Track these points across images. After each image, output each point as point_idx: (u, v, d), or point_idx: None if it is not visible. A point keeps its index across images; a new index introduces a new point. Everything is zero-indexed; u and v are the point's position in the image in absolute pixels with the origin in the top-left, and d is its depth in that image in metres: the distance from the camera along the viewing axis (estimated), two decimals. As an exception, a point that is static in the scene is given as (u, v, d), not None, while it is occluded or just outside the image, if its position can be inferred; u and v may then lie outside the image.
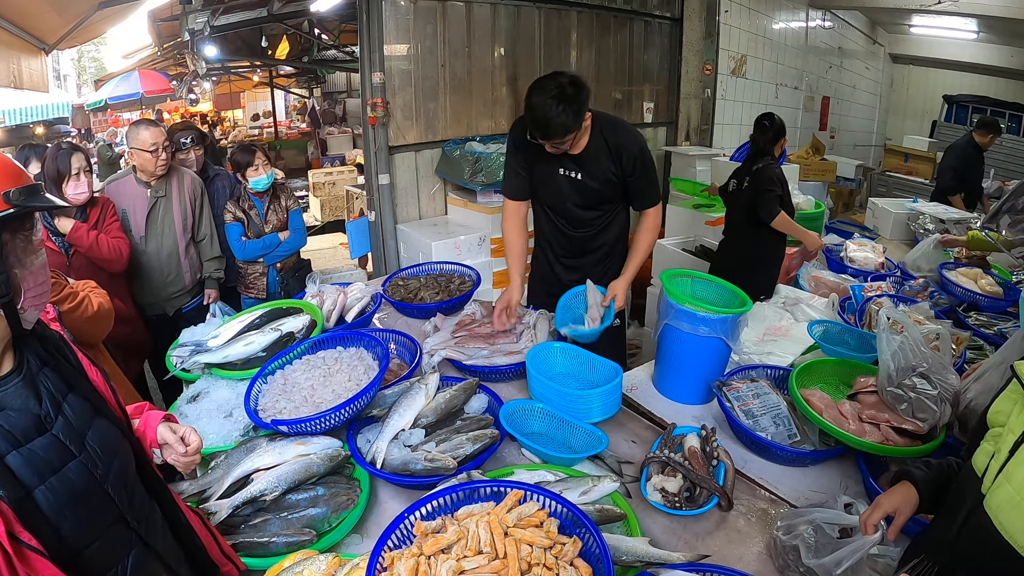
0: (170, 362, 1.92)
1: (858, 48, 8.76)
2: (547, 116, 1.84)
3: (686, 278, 1.98)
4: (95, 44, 21.21)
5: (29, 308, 0.86)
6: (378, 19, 3.49)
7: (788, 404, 1.63)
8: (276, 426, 1.45)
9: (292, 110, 14.98)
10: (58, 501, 0.83)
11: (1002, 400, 0.98)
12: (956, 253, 3.03)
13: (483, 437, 1.46)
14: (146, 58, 9.72)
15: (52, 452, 0.84)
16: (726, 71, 5.40)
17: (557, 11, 4.35)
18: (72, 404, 0.90)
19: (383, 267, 3.95)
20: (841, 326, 2.09)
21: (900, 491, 1.09)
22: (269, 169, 2.80)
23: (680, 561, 1.13)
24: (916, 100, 10.81)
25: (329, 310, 2.10)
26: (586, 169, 2.06)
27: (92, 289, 1.91)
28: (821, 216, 3.35)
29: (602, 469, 1.47)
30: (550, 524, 1.04)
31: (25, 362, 0.88)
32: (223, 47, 7.19)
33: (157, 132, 2.56)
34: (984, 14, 6.35)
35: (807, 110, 7.22)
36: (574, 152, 2.04)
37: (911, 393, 1.45)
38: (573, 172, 2.08)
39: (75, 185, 2.28)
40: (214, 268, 2.82)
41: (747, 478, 1.48)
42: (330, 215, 7.56)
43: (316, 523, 1.27)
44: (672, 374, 1.87)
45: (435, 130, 3.95)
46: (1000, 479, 0.89)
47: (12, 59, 3.99)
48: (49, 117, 8.80)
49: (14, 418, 0.83)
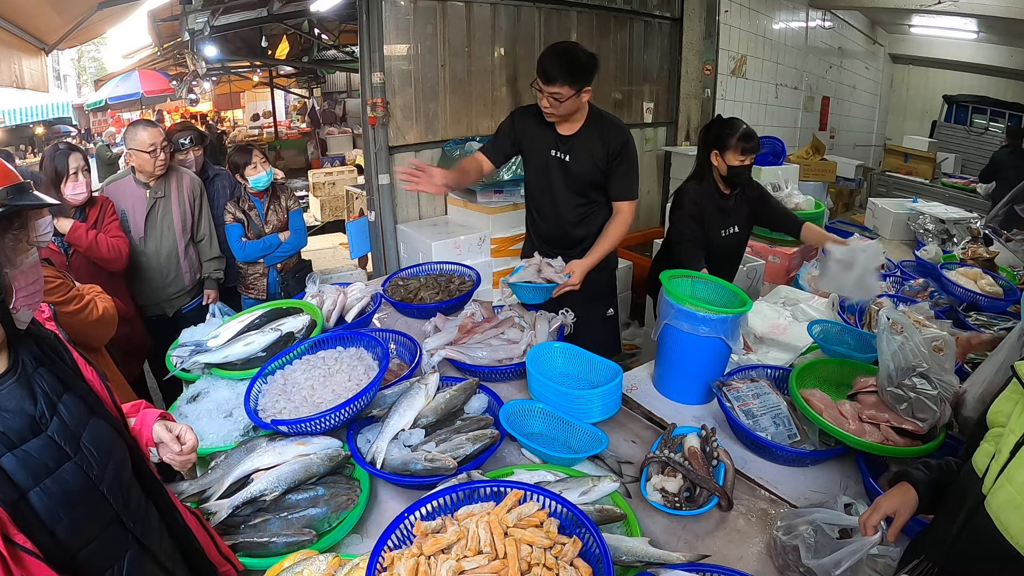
0: (170, 362, 1.92)
1: (858, 48, 8.75)
2: (559, 54, 2.02)
3: (686, 278, 1.98)
4: (95, 44, 21.25)
5: (22, 308, 0.86)
6: (378, 19, 3.49)
7: (788, 404, 1.63)
8: (276, 426, 1.45)
9: (292, 110, 14.99)
10: (53, 503, 0.82)
11: (1002, 400, 0.98)
12: (961, 253, 3.03)
13: (483, 437, 1.46)
14: (146, 58, 9.73)
15: (47, 453, 0.84)
16: (726, 71, 5.40)
17: (557, 11, 4.35)
18: (67, 404, 0.90)
19: (383, 267, 3.95)
20: (841, 326, 2.09)
21: (899, 492, 1.09)
22: (267, 167, 2.80)
23: (680, 561, 1.13)
24: (916, 100, 10.80)
25: (329, 310, 2.10)
26: (575, 153, 2.20)
27: (98, 293, 1.91)
28: (821, 216, 3.35)
29: (602, 469, 1.47)
30: (550, 524, 1.04)
31: (20, 362, 0.87)
32: (223, 47, 7.20)
33: (155, 132, 2.56)
34: (984, 14, 6.35)
35: (807, 110, 7.22)
36: (567, 132, 2.19)
37: (911, 393, 1.45)
38: (563, 154, 2.21)
39: (73, 185, 2.29)
40: (213, 268, 2.81)
41: (747, 478, 1.48)
42: (330, 215, 7.56)
43: (316, 523, 1.27)
44: (672, 374, 1.87)
45: (435, 130, 3.95)
46: (1001, 480, 0.89)
47: (13, 59, 3.99)
48: (49, 117, 8.82)
49: (8, 419, 0.82)
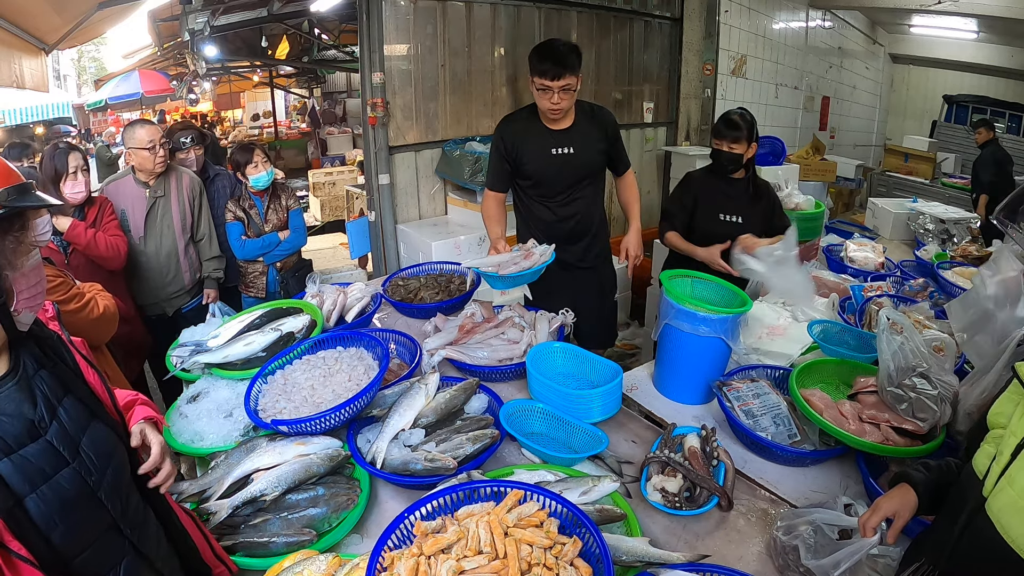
0: (170, 362, 1.92)
1: (858, 48, 8.75)
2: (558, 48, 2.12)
3: (686, 278, 1.98)
4: (95, 44, 21.22)
5: (23, 311, 0.84)
6: (378, 19, 3.49)
7: (788, 404, 1.63)
8: (276, 426, 1.44)
9: (292, 110, 14.98)
10: (49, 509, 0.81)
11: (1002, 401, 0.98)
12: (954, 252, 3.03)
13: (483, 437, 1.46)
14: (146, 58, 9.72)
15: (45, 459, 0.82)
16: (726, 71, 5.40)
17: (557, 11, 4.35)
18: (68, 408, 0.88)
19: (383, 267, 3.95)
20: (841, 326, 2.09)
21: (899, 494, 1.09)
22: (268, 166, 2.80)
23: (680, 561, 1.13)
24: (916, 100, 10.81)
25: (329, 310, 2.10)
26: (578, 145, 2.30)
27: (99, 292, 1.90)
28: (821, 216, 3.34)
29: (602, 469, 1.47)
30: (550, 524, 1.04)
31: (21, 364, 0.86)
32: (223, 47, 7.19)
33: (153, 130, 2.57)
34: (984, 14, 6.35)
35: (807, 110, 7.22)
36: (563, 127, 2.28)
37: (911, 393, 1.45)
38: (566, 148, 2.29)
39: (72, 184, 2.29)
40: (213, 268, 2.82)
41: (747, 478, 1.48)
42: (330, 215, 7.56)
43: (316, 523, 1.27)
44: (672, 374, 1.87)
45: (435, 130, 3.95)
46: (1002, 483, 0.89)
47: (13, 59, 3.99)
48: (49, 117, 8.81)
49: (7, 424, 0.81)
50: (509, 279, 2.07)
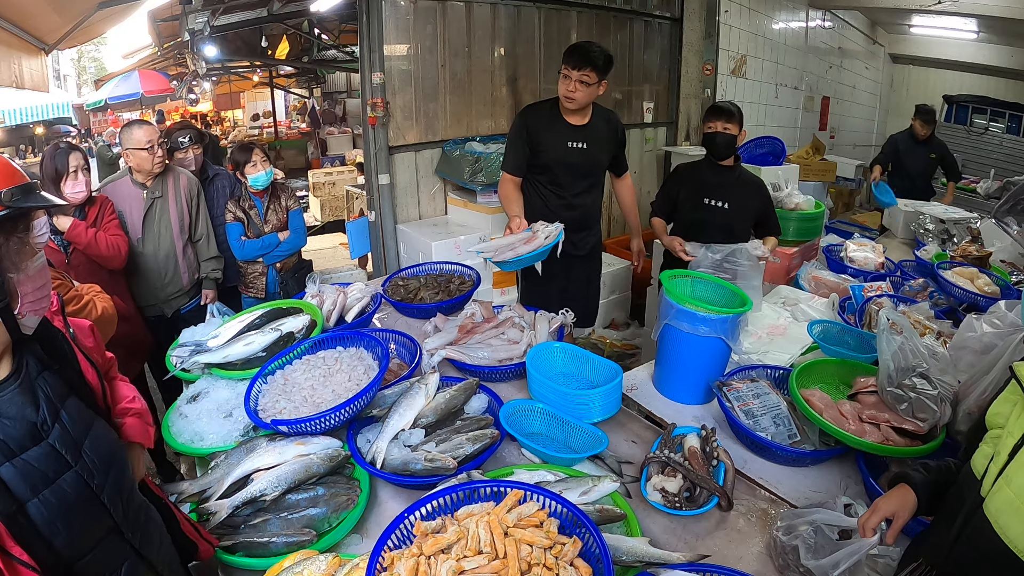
0: (170, 362, 1.92)
1: (858, 48, 8.74)
2: (589, 45, 2.31)
3: (686, 278, 1.98)
4: (95, 44, 21.25)
5: (27, 313, 0.83)
6: (378, 19, 3.49)
7: (788, 404, 1.63)
8: (276, 426, 1.45)
9: (292, 110, 14.96)
10: (51, 514, 0.80)
11: (1001, 402, 0.98)
12: (954, 252, 3.03)
13: (483, 437, 1.46)
14: (146, 58, 9.71)
15: (47, 463, 0.81)
16: (726, 71, 5.40)
17: (557, 11, 4.34)
18: (70, 410, 0.87)
19: (383, 267, 3.95)
20: (841, 326, 2.09)
21: (898, 494, 1.09)
22: (268, 166, 2.80)
23: (680, 561, 1.13)
24: (916, 100, 10.75)
25: (329, 310, 2.10)
26: (591, 141, 2.48)
27: (97, 293, 1.90)
28: (821, 216, 3.35)
29: (602, 469, 1.47)
30: (550, 524, 1.04)
31: (24, 366, 0.85)
32: (223, 47, 7.19)
33: (150, 129, 2.56)
34: (984, 14, 6.34)
35: (807, 110, 7.21)
36: (579, 123, 2.45)
37: (911, 393, 1.45)
38: (580, 143, 2.46)
39: (73, 184, 2.29)
40: (211, 268, 2.81)
41: (747, 478, 1.48)
42: (330, 215, 7.56)
43: (316, 523, 1.27)
44: (672, 374, 1.87)
45: (435, 130, 3.95)
46: (1000, 483, 0.89)
47: (13, 59, 3.98)
48: (49, 117, 8.81)
49: (9, 427, 0.80)
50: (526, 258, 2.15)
